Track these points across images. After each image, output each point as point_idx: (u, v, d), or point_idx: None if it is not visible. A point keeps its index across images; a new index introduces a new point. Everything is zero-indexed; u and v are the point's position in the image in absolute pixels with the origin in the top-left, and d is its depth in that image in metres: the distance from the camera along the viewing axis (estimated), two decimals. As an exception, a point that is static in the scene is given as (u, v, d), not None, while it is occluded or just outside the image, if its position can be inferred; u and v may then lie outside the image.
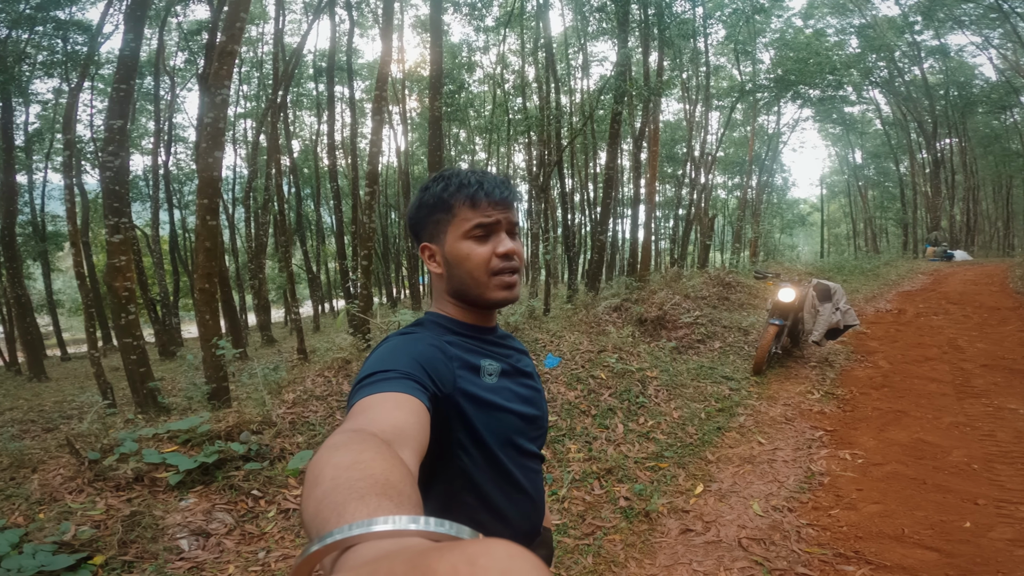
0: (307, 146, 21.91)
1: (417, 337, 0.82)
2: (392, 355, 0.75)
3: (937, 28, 18.14)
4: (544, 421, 0.97)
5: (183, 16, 14.69)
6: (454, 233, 0.85)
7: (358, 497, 0.37)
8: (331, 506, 0.37)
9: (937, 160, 20.14)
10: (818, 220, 33.01)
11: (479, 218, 0.83)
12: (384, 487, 0.39)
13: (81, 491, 2.89)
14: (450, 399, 0.78)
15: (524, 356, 1.00)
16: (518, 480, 0.88)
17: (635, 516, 2.55)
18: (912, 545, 2.19)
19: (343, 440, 0.48)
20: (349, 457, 0.44)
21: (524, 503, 0.90)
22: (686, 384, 4.64)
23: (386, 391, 0.65)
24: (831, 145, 29.34)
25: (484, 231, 0.84)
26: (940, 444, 3.25)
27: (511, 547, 0.24)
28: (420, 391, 0.68)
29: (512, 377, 0.90)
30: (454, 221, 0.85)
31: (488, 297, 0.86)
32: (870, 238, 26.77)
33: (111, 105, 4.11)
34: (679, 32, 10.86)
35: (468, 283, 0.86)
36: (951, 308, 7.43)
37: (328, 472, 0.42)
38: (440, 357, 0.79)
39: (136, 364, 5.62)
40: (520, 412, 0.89)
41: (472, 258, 0.84)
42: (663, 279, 9.32)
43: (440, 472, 0.82)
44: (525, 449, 0.90)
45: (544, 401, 0.99)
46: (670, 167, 23.22)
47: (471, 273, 0.85)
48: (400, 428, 0.58)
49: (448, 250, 0.86)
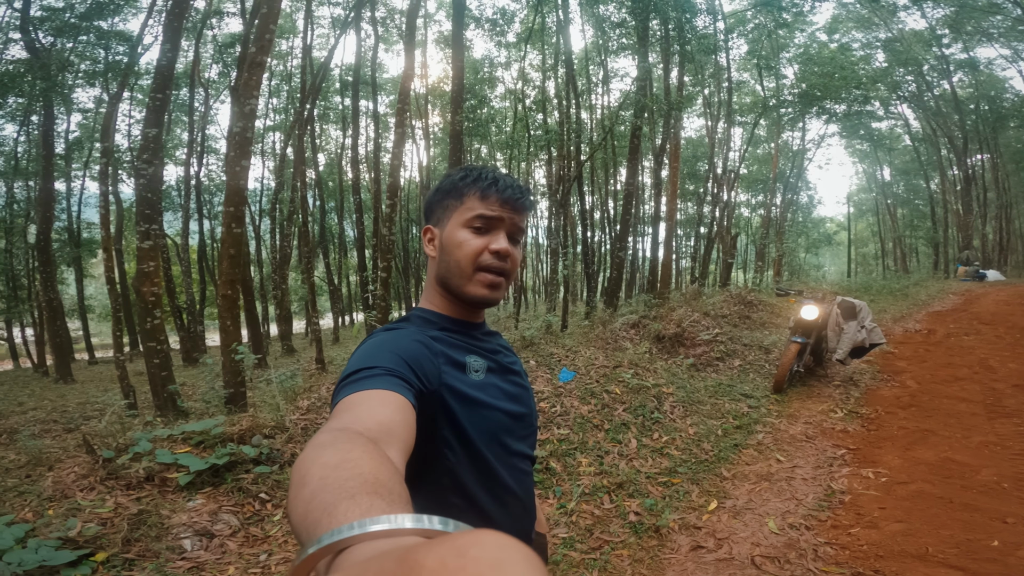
0: (332, 159, 22.41)
1: (403, 333, 0.81)
2: (377, 351, 0.74)
3: (966, 41, 17.73)
4: (532, 420, 0.95)
5: (218, 29, 15.27)
6: (456, 220, 0.85)
7: (348, 497, 0.36)
8: (321, 507, 0.36)
9: (968, 177, 19.53)
10: (845, 239, 32.27)
11: (483, 209, 0.84)
12: (374, 485, 0.39)
13: (93, 489, 2.93)
14: (436, 395, 0.77)
15: (511, 353, 0.99)
16: (505, 480, 0.86)
17: (645, 531, 2.47)
18: (936, 564, 2.06)
19: (329, 439, 0.47)
20: (337, 456, 0.43)
21: (513, 504, 0.88)
22: (703, 401, 4.53)
23: (371, 388, 0.64)
24: (858, 162, 28.74)
25: (485, 224, 0.84)
26: (969, 463, 3.09)
27: (501, 537, 0.23)
28: (405, 388, 0.68)
29: (499, 374, 0.89)
30: (460, 208, 0.85)
31: (467, 290, 0.85)
32: (899, 257, 26.03)
33: (147, 114, 4.27)
34: (700, 47, 10.85)
35: (453, 271, 0.85)
36: (983, 328, 7.14)
37: (316, 472, 0.41)
38: (425, 353, 0.78)
39: (158, 368, 5.74)
40: (507, 409, 0.87)
41: (464, 247, 0.84)
42: (683, 297, 9.19)
43: (426, 471, 0.81)
44: (513, 448, 0.88)
45: (532, 400, 0.97)
46: (692, 184, 23.03)
47: (458, 261, 0.84)
48: (386, 426, 0.57)
49: (446, 234, 0.86)
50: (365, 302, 12.27)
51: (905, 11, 17.33)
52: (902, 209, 26.81)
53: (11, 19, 10.70)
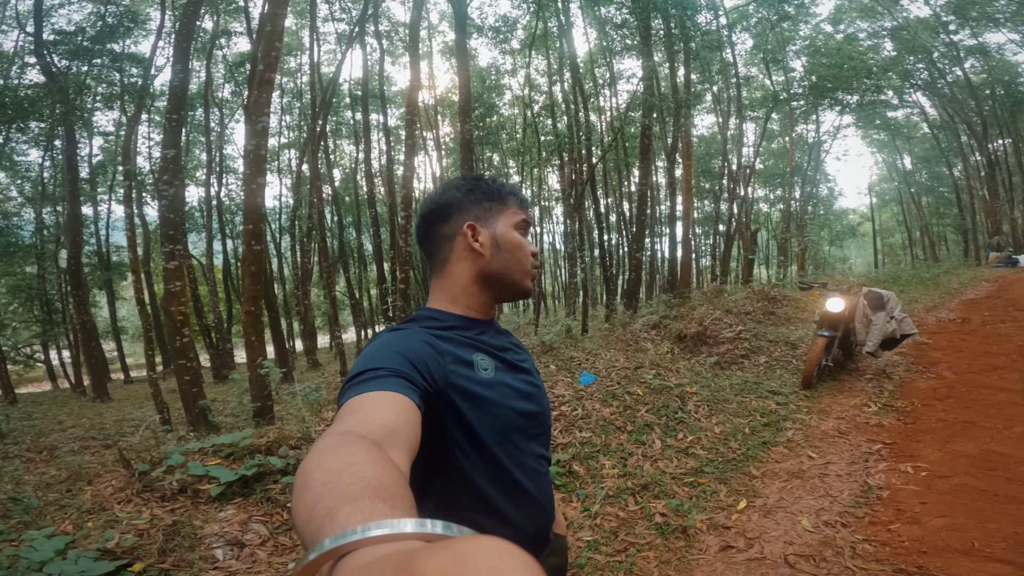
0: (347, 174, 22.77)
1: (407, 332, 0.82)
2: (382, 352, 0.74)
3: (973, 27, 17.30)
4: (546, 418, 0.95)
5: (227, 49, 15.66)
6: (506, 222, 0.91)
7: (351, 501, 0.36)
8: (323, 511, 0.36)
9: (992, 162, 19.09)
10: (869, 230, 31.45)
11: (525, 215, 0.94)
12: (376, 489, 0.39)
13: (130, 501, 3.01)
14: (443, 395, 0.77)
15: (522, 351, 0.99)
16: (519, 480, 0.85)
17: (671, 532, 2.42)
18: (983, 559, 1.98)
19: (332, 443, 0.47)
20: (339, 460, 0.43)
21: (528, 504, 0.87)
22: (728, 399, 4.44)
23: (375, 390, 0.64)
24: (877, 152, 28.01)
25: (525, 230, 0.94)
26: (1013, 455, 2.96)
27: (502, 544, 0.23)
28: (410, 389, 0.68)
29: (509, 372, 0.89)
30: (506, 211, 0.92)
31: (524, 284, 0.92)
32: (928, 246, 25.27)
33: (164, 135, 4.42)
34: (704, 44, 10.75)
35: (514, 267, 0.91)
36: (1019, 315, 6.90)
37: (318, 476, 0.41)
38: (431, 352, 0.78)
39: (189, 384, 5.89)
40: (518, 408, 0.87)
41: (524, 247, 0.92)
42: (704, 295, 9.06)
43: (437, 472, 0.81)
44: (526, 448, 0.88)
45: (545, 398, 0.97)
46: (707, 182, 22.76)
47: (521, 260, 0.91)
48: (390, 428, 0.57)
49: (500, 234, 0.91)
50: (385, 314, 12.40)
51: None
52: (926, 197, 26.09)
53: (26, 43, 11.11)
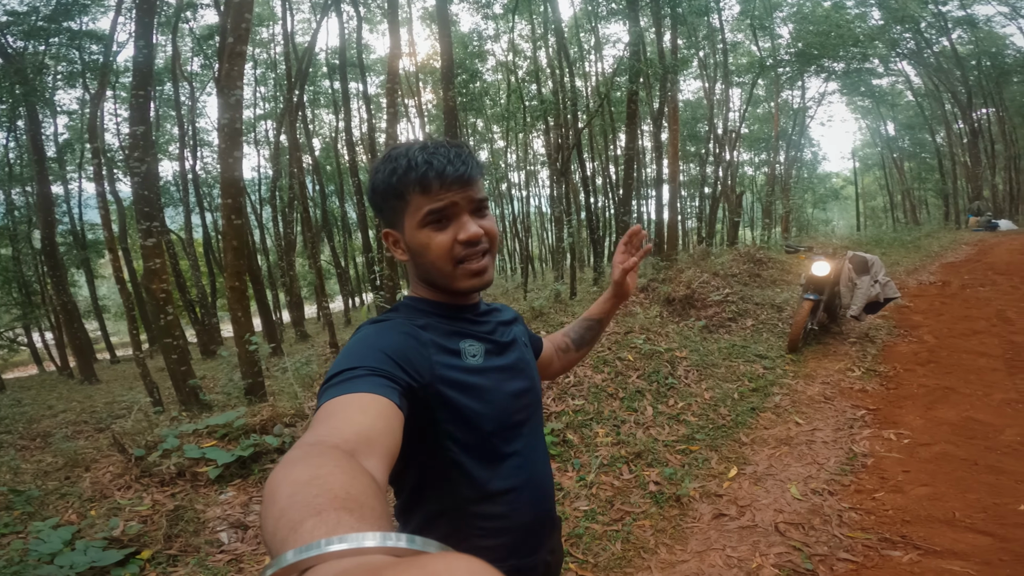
0: (327, 143, 22.21)
1: (389, 325, 0.78)
2: (361, 349, 0.71)
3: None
4: (536, 393, 0.92)
5: (194, 22, 15.01)
6: (410, 222, 0.80)
7: (315, 513, 0.35)
8: (288, 525, 0.35)
9: (975, 130, 19.40)
10: (852, 194, 31.81)
11: (430, 204, 0.77)
12: (344, 501, 0.38)
13: (129, 487, 3.01)
14: (429, 387, 0.74)
15: (512, 325, 0.95)
16: (517, 466, 0.84)
17: (665, 501, 2.50)
18: (964, 529, 2.08)
19: (300, 455, 0.46)
20: (307, 472, 0.42)
21: (528, 490, 0.86)
22: (717, 364, 4.53)
23: (352, 392, 0.62)
24: (861, 118, 28.19)
25: (440, 216, 0.78)
26: (992, 423, 3.08)
27: (473, 563, 0.23)
28: (389, 388, 0.65)
29: (497, 355, 0.86)
30: (408, 209, 0.79)
31: (456, 287, 0.82)
32: (909, 210, 25.78)
33: (131, 112, 4.23)
34: (692, 9, 10.48)
35: (433, 273, 0.82)
36: (998, 279, 7.06)
37: (285, 489, 0.40)
38: (413, 344, 0.76)
39: (177, 363, 5.84)
40: (512, 390, 0.85)
41: (432, 248, 0.79)
42: (691, 258, 9.11)
43: (431, 468, 0.79)
44: (521, 430, 0.86)
45: (534, 369, 0.94)
46: (692, 146, 22.64)
47: (434, 264, 0.80)
48: (364, 434, 0.55)
49: (408, 239, 0.81)
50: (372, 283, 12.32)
51: None
52: (909, 163, 26.44)
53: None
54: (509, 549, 0.84)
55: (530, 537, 0.88)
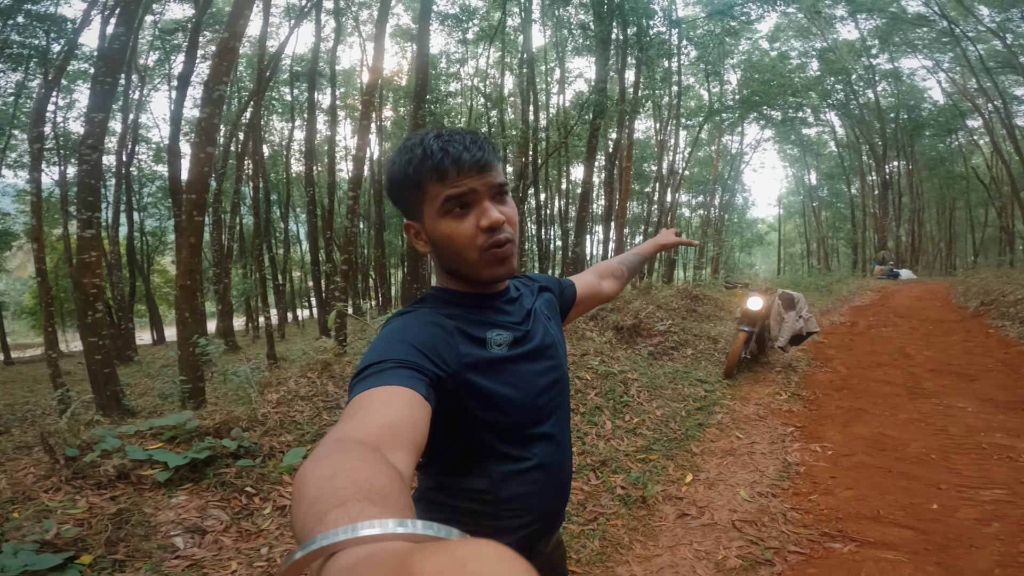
0: (276, 151, 21.50)
1: (415, 316, 0.80)
2: (389, 342, 0.72)
3: (892, 52, 19.32)
4: (564, 381, 0.93)
5: (159, 15, 14.34)
6: (429, 211, 0.79)
7: (339, 504, 0.37)
8: (315, 516, 0.37)
9: (886, 182, 21.30)
10: (775, 239, 34.34)
11: (448, 191, 0.76)
12: (368, 492, 0.39)
13: (58, 489, 2.77)
14: (457, 377, 0.75)
15: (538, 297, 0.96)
16: (546, 448, 0.86)
17: (633, 503, 2.67)
18: (889, 524, 2.39)
19: (326, 451, 0.48)
20: (332, 467, 0.43)
21: (555, 473, 0.88)
22: (664, 386, 4.83)
23: (380, 385, 0.63)
24: (789, 166, 30.64)
25: (459, 203, 0.76)
26: (899, 437, 3.52)
27: (501, 550, 0.23)
28: (417, 379, 0.66)
29: (524, 343, 0.86)
30: (426, 198, 0.78)
31: (482, 275, 0.81)
32: (823, 257, 27.92)
33: (94, 98, 4.03)
34: (658, 52, 11.30)
35: (458, 263, 0.81)
36: (899, 321, 7.97)
37: (311, 484, 0.41)
38: (440, 334, 0.76)
39: (100, 364, 5.41)
40: (537, 380, 0.86)
41: (455, 238, 0.78)
42: (635, 291, 9.61)
43: (462, 452, 0.82)
44: (550, 418, 0.88)
45: (561, 346, 0.95)
46: (637, 184, 23.84)
47: (458, 253, 0.79)
48: (390, 427, 0.56)
49: (429, 230, 0.80)
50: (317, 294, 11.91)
51: (842, 22, 18.75)
52: (826, 211, 28.79)
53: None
54: (531, 531, 0.87)
55: (555, 518, 0.93)
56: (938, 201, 25.96)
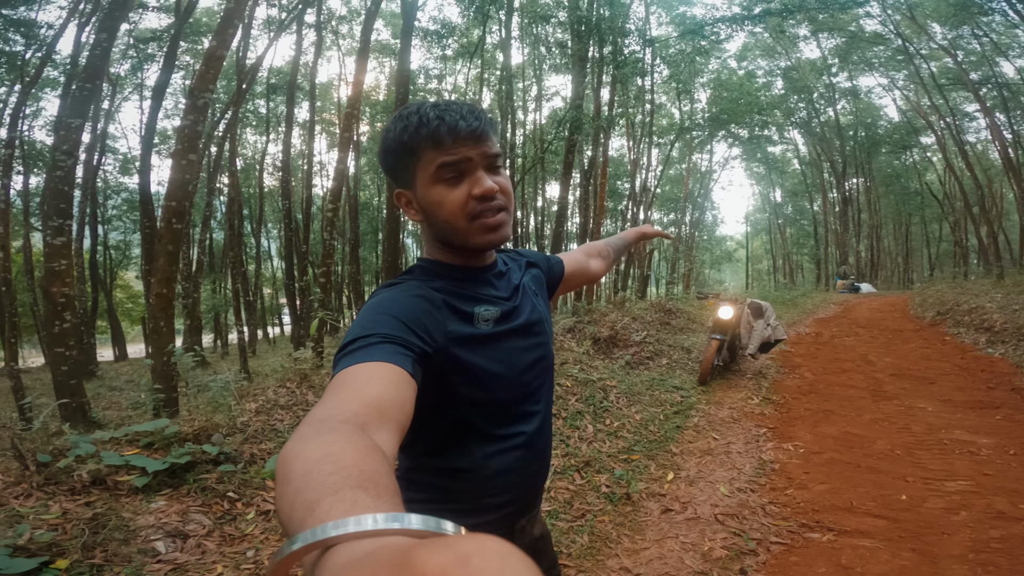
0: (249, 164, 21.21)
1: (402, 288, 0.78)
2: (375, 316, 0.71)
3: (851, 70, 20.33)
4: (549, 357, 0.93)
5: (135, 24, 14.13)
6: (422, 178, 0.77)
7: (331, 492, 0.36)
8: (304, 504, 0.36)
9: (846, 199, 22.25)
10: (743, 256, 35.37)
11: (443, 157, 0.75)
12: (359, 479, 0.38)
13: (29, 495, 2.69)
14: (444, 351, 0.75)
15: (525, 272, 0.96)
16: (529, 425, 0.86)
17: (618, 500, 2.75)
18: (863, 515, 2.52)
19: (311, 431, 0.46)
20: (319, 449, 0.42)
21: (537, 451, 0.89)
22: (642, 392, 4.95)
23: (364, 360, 0.62)
24: (755, 184, 31.77)
25: (453, 171, 0.76)
26: (865, 435, 3.70)
27: (504, 546, 0.23)
28: (403, 355, 0.65)
29: (512, 319, 0.85)
30: (420, 164, 0.77)
31: (471, 243, 0.79)
32: (788, 272, 28.90)
33: (72, 104, 3.99)
34: (632, 70, 11.71)
35: (448, 231, 0.80)
36: (860, 331, 8.37)
37: (298, 467, 0.40)
38: (427, 307, 0.75)
39: (67, 376, 5.25)
40: (523, 356, 0.86)
41: (445, 205, 0.77)
42: (611, 305, 9.81)
43: (448, 428, 0.81)
44: (535, 395, 0.88)
45: (548, 323, 0.94)
46: (611, 202, 24.31)
47: (448, 221, 0.78)
48: (375, 406, 0.55)
49: (420, 197, 0.79)
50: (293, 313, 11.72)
51: (804, 41, 19.75)
52: (790, 228, 29.81)
53: None
54: (513, 508, 0.88)
55: (536, 496, 0.94)
56: (895, 217, 27.08)
